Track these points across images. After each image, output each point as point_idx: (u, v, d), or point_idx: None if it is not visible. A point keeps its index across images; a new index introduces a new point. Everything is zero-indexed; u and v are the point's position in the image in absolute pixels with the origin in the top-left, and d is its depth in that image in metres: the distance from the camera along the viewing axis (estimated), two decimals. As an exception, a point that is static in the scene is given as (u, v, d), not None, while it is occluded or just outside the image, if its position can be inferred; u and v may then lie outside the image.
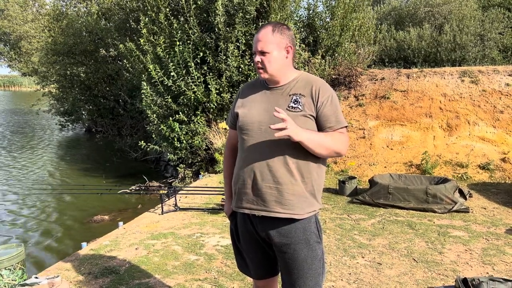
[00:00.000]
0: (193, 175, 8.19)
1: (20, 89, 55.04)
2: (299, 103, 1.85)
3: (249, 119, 1.92)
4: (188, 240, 4.33)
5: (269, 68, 1.88)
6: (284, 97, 1.89)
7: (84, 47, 13.05)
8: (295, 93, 1.88)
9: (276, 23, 1.93)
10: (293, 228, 1.87)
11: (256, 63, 1.90)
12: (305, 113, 1.84)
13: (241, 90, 2.10)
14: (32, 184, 9.14)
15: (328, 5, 8.92)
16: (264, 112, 1.90)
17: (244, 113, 1.95)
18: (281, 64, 1.91)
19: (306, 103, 1.85)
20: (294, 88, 1.90)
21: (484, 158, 6.80)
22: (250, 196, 1.90)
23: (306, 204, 1.87)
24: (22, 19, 20.30)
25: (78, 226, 6.46)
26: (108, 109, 14.32)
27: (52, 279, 3.02)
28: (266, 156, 1.85)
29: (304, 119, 1.83)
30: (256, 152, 1.87)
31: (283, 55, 1.90)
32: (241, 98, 2.04)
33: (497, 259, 3.71)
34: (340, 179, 6.06)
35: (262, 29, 1.90)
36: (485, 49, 10.65)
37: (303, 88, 1.89)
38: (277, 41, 1.88)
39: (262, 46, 1.87)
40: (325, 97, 1.86)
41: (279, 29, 1.90)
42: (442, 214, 4.98)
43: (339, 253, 3.89)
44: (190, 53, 7.48)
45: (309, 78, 1.94)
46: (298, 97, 1.86)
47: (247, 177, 1.89)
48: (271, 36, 1.87)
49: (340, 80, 8.79)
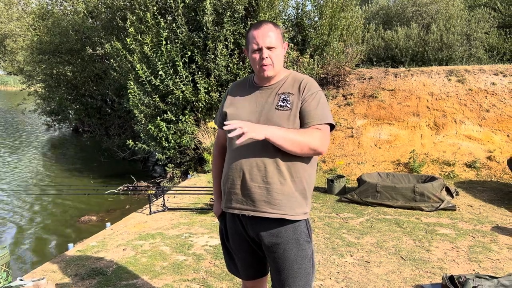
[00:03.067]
0: (182, 175, 8.15)
1: (5, 89, 54.20)
2: (288, 102, 1.83)
3: (238, 119, 1.88)
4: (176, 240, 4.30)
5: (277, 64, 1.86)
6: (273, 96, 1.88)
7: (71, 46, 12.87)
8: (283, 92, 1.86)
9: (270, 21, 1.92)
10: (283, 228, 1.86)
11: (264, 59, 1.83)
12: (294, 112, 1.82)
13: (229, 89, 2.07)
14: (17, 184, 9.01)
15: (316, 5, 8.94)
16: (252, 112, 1.88)
17: (232, 113, 1.93)
18: (282, 61, 1.92)
19: (294, 101, 1.83)
20: (282, 87, 1.89)
21: (470, 156, 6.88)
22: (239, 196, 1.88)
23: (296, 204, 1.85)
24: (7, 17, 19.98)
25: (65, 227, 6.37)
26: (95, 108, 14.16)
27: (38, 281, 2.98)
28: (254, 155, 1.83)
29: (294, 118, 1.82)
30: (244, 152, 1.85)
31: (283, 52, 1.90)
32: (230, 97, 2.02)
33: (483, 257, 3.75)
34: (329, 178, 6.08)
35: (262, 25, 1.85)
36: (471, 48, 10.78)
37: (291, 87, 1.87)
38: (280, 38, 1.87)
39: (271, 41, 1.82)
40: (309, 93, 1.84)
41: (276, 25, 1.89)
42: (429, 212, 5.02)
43: (327, 252, 3.90)
44: (178, 52, 7.43)
45: (298, 76, 1.93)
46: (286, 96, 1.85)
47: (236, 177, 1.87)
48: (275, 31, 1.85)
49: (328, 79, 8.82)
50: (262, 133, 1.68)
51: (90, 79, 13.54)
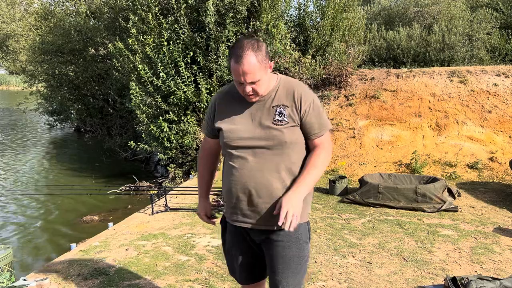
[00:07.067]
0: (184, 175, 8.16)
1: (7, 88, 54.24)
2: (285, 116, 1.82)
3: (236, 135, 1.86)
4: (178, 240, 4.31)
5: (260, 91, 1.82)
6: (268, 110, 1.85)
7: (73, 46, 12.88)
8: (278, 105, 1.84)
9: (252, 43, 1.76)
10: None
11: (248, 92, 1.80)
12: (291, 124, 1.83)
13: (216, 100, 1.99)
14: (20, 184, 9.03)
15: (318, 5, 8.94)
16: (251, 128, 1.85)
17: (229, 129, 1.89)
18: (268, 82, 1.86)
19: (290, 113, 1.83)
20: (276, 98, 1.86)
21: (472, 157, 6.88)
22: (246, 211, 1.90)
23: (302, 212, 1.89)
24: (9, 17, 20.00)
25: (67, 227, 6.39)
26: (97, 108, 14.18)
27: (41, 281, 2.99)
28: (260, 173, 1.83)
29: (291, 130, 1.83)
30: (248, 169, 1.84)
31: (268, 74, 1.84)
32: (219, 108, 1.96)
33: (485, 258, 3.76)
34: (331, 179, 6.08)
35: (243, 57, 1.72)
36: (473, 49, 10.76)
37: (285, 98, 1.85)
38: (263, 66, 1.77)
39: (253, 77, 1.75)
40: (307, 104, 1.84)
41: (258, 49, 1.76)
42: (431, 213, 5.02)
43: (329, 253, 3.91)
44: (180, 52, 7.44)
45: (288, 84, 1.89)
46: (282, 109, 1.83)
47: (241, 193, 1.87)
48: (257, 63, 1.74)
49: (330, 80, 8.82)
50: (300, 200, 1.78)
51: (92, 79, 13.56)
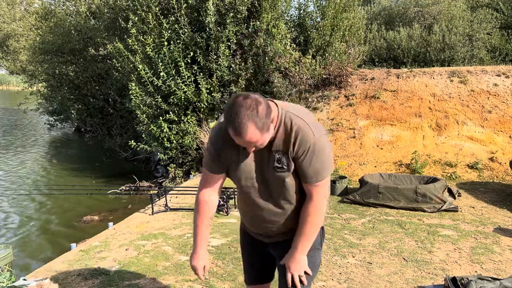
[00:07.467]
0: (184, 175, 8.16)
1: (8, 88, 54.23)
2: (283, 163, 1.78)
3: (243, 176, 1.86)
4: (179, 240, 4.31)
5: (264, 144, 1.73)
6: (268, 153, 1.79)
7: (73, 46, 12.89)
8: (277, 150, 1.77)
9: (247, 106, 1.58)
10: None
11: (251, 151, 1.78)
12: (291, 171, 1.79)
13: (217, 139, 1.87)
14: (20, 184, 9.03)
15: (318, 5, 8.94)
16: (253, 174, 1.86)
17: (236, 169, 1.87)
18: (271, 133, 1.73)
19: (287, 161, 1.78)
20: (275, 142, 1.77)
21: (472, 157, 6.88)
22: (261, 232, 2.02)
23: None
24: (9, 17, 20.01)
25: (68, 227, 6.39)
26: (98, 108, 14.18)
27: (41, 281, 2.99)
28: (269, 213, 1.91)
29: (291, 177, 1.81)
30: (257, 209, 1.93)
31: (270, 129, 1.71)
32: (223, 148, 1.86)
33: (486, 258, 3.76)
34: (331, 179, 6.08)
35: (242, 129, 1.58)
36: (473, 49, 10.75)
37: (283, 143, 1.76)
38: (264, 129, 1.64)
39: (255, 144, 1.68)
40: (302, 150, 1.73)
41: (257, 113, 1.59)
42: (431, 213, 5.02)
43: (329, 253, 3.91)
44: (180, 52, 7.44)
45: (288, 127, 1.75)
46: (280, 156, 1.77)
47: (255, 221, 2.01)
48: (258, 132, 1.62)
49: (330, 80, 8.82)
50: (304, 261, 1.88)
51: (93, 79, 13.56)
